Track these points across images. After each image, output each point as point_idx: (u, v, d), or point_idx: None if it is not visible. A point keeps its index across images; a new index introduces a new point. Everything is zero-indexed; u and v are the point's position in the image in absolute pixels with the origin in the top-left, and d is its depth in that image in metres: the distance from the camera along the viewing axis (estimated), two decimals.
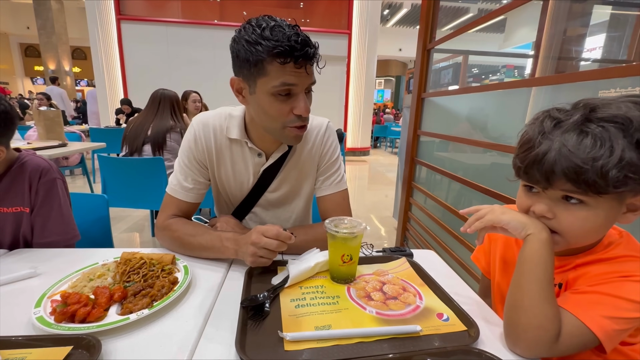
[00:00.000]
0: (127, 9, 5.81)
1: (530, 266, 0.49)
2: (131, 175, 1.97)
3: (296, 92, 0.68)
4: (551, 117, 0.49)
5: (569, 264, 0.56)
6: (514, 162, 0.53)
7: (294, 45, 0.63)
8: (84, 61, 14.00)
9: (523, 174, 0.51)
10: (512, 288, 0.51)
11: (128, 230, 2.75)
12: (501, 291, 0.68)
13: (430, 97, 1.94)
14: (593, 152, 0.43)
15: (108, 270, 0.64)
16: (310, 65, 0.67)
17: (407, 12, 11.26)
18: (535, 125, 0.50)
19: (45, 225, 0.83)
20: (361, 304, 0.58)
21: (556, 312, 0.47)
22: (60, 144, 2.60)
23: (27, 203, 0.82)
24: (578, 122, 0.46)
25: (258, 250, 0.64)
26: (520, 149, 0.52)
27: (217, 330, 0.52)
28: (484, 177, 1.44)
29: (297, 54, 0.63)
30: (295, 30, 0.65)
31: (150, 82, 4.91)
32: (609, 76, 0.90)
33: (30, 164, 0.83)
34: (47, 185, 0.83)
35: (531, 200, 0.53)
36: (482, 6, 9.97)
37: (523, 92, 1.36)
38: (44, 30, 9.57)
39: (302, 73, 0.66)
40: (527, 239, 0.51)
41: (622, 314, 0.46)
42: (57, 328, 0.48)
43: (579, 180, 0.44)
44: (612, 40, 2.79)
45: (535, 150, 0.48)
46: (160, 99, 2.14)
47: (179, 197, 0.82)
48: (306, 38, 0.65)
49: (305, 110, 0.70)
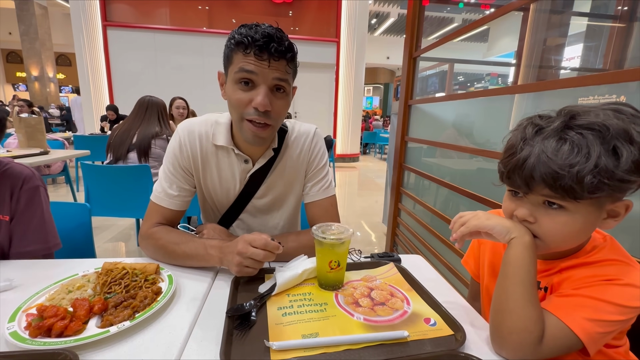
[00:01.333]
0: (113, 15, 5.75)
1: (513, 269, 0.50)
2: (116, 183, 1.92)
3: (258, 83, 0.69)
4: (533, 124, 0.50)
5: (554, 267, 0.57)
6: (499, 167, 0.55)
7: (255, 37, 0.65)
8: (68, 67, 13.71)
9: (506, 178, 0.53)
10: (496, 291, 0.52)
11: (113, 240, 2.68)
12: (489, 295, 0.69)
13: (417, 104, 1.97)
14: (570, 159, 0.44)
15: (88, 281, 0.62)
16: (275, 60, 0.67)
17: (394, 21, 11.50)
18: (518, 132, 0.52)
19: (26, 234, 0.80)
20: (349, 311, 0.57)
21: (540, 314, 0.48)
22: (41, 152, 2.52)
23: (7, 211, 0.79)
24: (558, 129, 0.47)
25: (244, 260, 0.63)
26: (504, 155, 0.53)
27: (201, 341, 0.51)
28: (471, 183, 1.46)
29: (258, 43, 0.65)
30: (270, 29, 0.67)
31: (137, 89, 4.86)
32: (587, 84, 0.94)
33: (13, 172, 0.80)
34: (29, 193, 0.81)
35: (515, 205, 0.54)
36: (467, 16, 10.28)
37: (506, 99, 1.40)
38: (27, 36, 9.37)
39: (263, 65, 0.67)
40: (510, 243, 0.52)
41: (605, 316, 0.46)
42: (31, 343, 0.46)
43: (556, 185, 0.46)
44: (589, 50, 2.91)
45: (517, 156, 0.49)
46: (147, 106, 2.11)
47: (163, 204, 0.81)
48: (275, 34, 0.66)
49: (261, 104, 0.68)
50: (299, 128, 0.89)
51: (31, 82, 9.84)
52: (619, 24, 1.84)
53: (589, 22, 2.73)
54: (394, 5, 10.21)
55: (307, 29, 6.43)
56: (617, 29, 1.83)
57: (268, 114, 0.70)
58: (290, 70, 0.72)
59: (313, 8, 6.41)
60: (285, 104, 0.74)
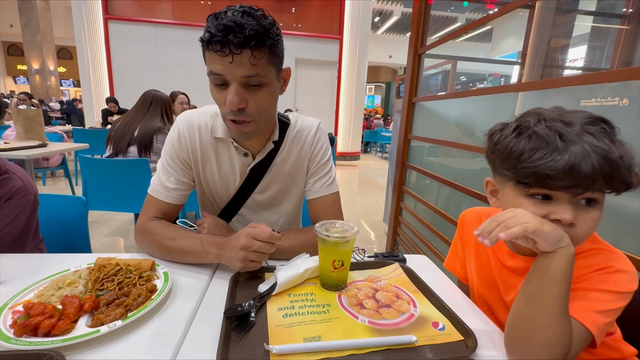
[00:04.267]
0: (115, 9, 5.70)
1: (554, 282, 0.45)
2: (114, 177, 1.89)
3: (228, 81, 0.64)
4: (550, 125, 0.47)
5: None
6: (523, 172, 0.48)
7: (213, 31, 0.59)
8: (69, 61, 13.66)
9: (551, 181, 0.46)
10: (524, 302, 0.48)
11: (111, 235, 2.65)
12: (483, 298, 0.67)
13: (420, 101, 1.94)
14: (619, 150, 0.44)
15: (80, 277, 0.59)
16: (237, 54, 0.60)
17: (397, 20, 11.44)
18: (537, 133, 0.47)
19: None
20: (353, 313, 0.55)
21: (571, 328, 0.45)
22: (40, 144, 2.49)
23: None
24: (584, 123, 0.46)
25: (249, 254, 0.60)
26: (528, 158, 0.47)
27: (197, 343, 0.48)
28: (474, 181, 1.44)
29: (216, 39, 0.59)
30: (233, 16, 0.59)
31: (138, 83, 4.82)
32: (591, 81, 0.91)
33: (8, 182, 0.79)
34: (10, 207, 0.79)
35: (545, 210, 0.48)
36: (470, 16, 10.23)
37: (510, 97, 1.37)
38: (28, 29, 9.32)
39: (226, 61, 0.60)
40: (557, 252, 0.46)
41: (609, 305, 0.47)
42: (15, 343, 0.43)
43: (614, 178, 0.44)
44: (594, 50, 2.87)
45: (565, 156, 0.44)
46: (152, 100, 2.06)
47: (160, 197, 0.78)
48: (236, 22, 0.58)
49: (231, 103, 0.63)
50: (302, 122, 0.86)
51: (32, 75, 9.79)
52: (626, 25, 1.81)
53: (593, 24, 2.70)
54: (397, 3, 10.16)
55: (310, 25, 6.38)
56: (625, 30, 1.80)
57: (244, 111, 0.66)
58: (259, 59, 0.62)
59: (316, 5, 6.36)
60: (265, 95, 0.67)
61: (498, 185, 0.58)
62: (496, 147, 0.54)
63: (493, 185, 0.60)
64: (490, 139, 0.56)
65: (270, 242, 0.61)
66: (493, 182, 0.60)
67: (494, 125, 0.57)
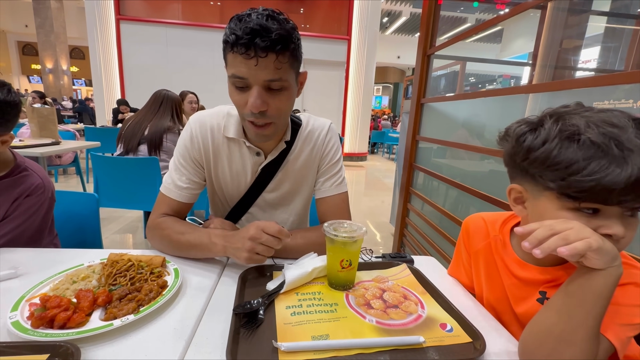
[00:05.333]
0: (126, 9, 5.79)
1: (597, 300, 0.43)
2: (124, 175, 1.92)
3: (250, 84, 0.64)
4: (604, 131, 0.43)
5: (561, 276, 0.54)
6: (576, 186, 0.44)
7: (239, 34, 0.59)
8: (82, 61, 13.94)
9: (609, 195, 0.43)
10: (556, 316, 0.46)
11: (120, 232, 2.69)
12: (490, 304, 0.65)
13: (429, 102, 1.93)
14: None
15: (93, 272, 0.61)
16: (262, 57, 0.60)
17: (406, 20, 11.39)
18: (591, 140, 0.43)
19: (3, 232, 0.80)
20: (360, 313, 0.55)
21: (599, 345, 0.44)
22: (53, 142, 2.55)
23: (1, 214, 0.79)
24: (632, 127, 0.43)
25: (256, 246, 0.61)
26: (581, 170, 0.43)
27: (207, 339, 0.49)
28: (482, 183, 1.42)
29: (242, 41, 0.59)
30: (258, 19, 0.59)
31: (148, 83, 4.89)
32: (608, 83, 0.89)
33: (27, 179, 0.82)
34: (29, 203, 0.81)
35: (594, 224, 0.45)
36: (480, 16, 10.13)
37: (520, 99, 1.36)
38: (43, 29, 9.53)
39: (251, 64, 0.61)
40: (607, 271, 0.43)
41: (634, 320, 0.46)
42: (33, 334, 0.44)
43: None
44: (607, 52, 2.82)
45: (627, 168, 0.41)
46: (163, 99, 2.10)
47: (172, 196, 0.79)
48: (262, 25, 0.59)
49: (253, 106, 0.64)
50: (313, 122, 0.87)
51: (45, 75, 10.01)
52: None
53: (607, 25, 2.65)
54: (406, 3, 10.11)
55: (318, 26, 6.39)
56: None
57: (265, 113, 0.67)
58: (283, 64, 0.63)
59: (325, 5, 6.36)
60: (285, 99, 0.68)
61: (527, 194, 0.53)
62: (532, 154, 0.48)
63: (519, 193, 0.54)
64: (519, 143, 0.51)
65: (277, 237, 0.62)
66: (519, 189, 0.54)
67: (516, 125, 0.53)
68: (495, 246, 0.64)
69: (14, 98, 0.75)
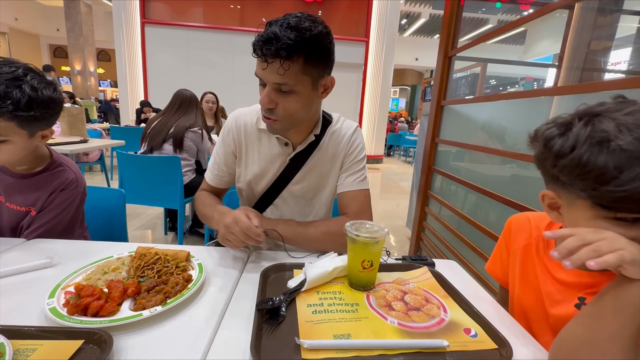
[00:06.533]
0: (151, 13, 5.99)
1: (634, 311, 0.41)
2: (147, 172, 1.99)
3: (266, 84, 0.72)
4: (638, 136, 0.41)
5: (602, 281, 0.51)
6: (609, 196, 0.42)
7: (256, 40, 0.67)
8: (107, 63, 14.50)
9: None
10: (588, 326, 0.44)
11: (141, 228, 2.78)
12: (521, 305, 0.64)
13: (450, 104, 1.90)
14: None
15: (123, 264, 0.63)
16: (269, 62, 0.67)
17: (425, 22, 11.24)
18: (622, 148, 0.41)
19: (39, 226, 0.83)
20: (382, 314, 0.54)
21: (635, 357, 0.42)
22: (81, 140, 2.67)
23: (39, 207, 0.84)
24: None
25: (227, 234, 0.69)
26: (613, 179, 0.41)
27: (230, 332, 0.50)
28: (504, 188, 1.38)
29: (257, 45, 0.67)
30: (278, 27, 0.65)
31: (170, 84, 5.02)
32: (634, 86, 0.85)
33: (62, 174, 0.86)
34: (63, 196, 0.85)
35: (634, 232, 0.43)
36: (502, 17, 9.87)
37: (544, 101, 1.32)
38: (73, 32, 9.99)
39: (264, 66, 0.68)
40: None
41: None
42: (69, 320, 0.47)
43: None
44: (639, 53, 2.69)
45: None
46: (186, 99, 2.17)
47: (206, 178, 0.95)
48: (277, 33, 0.64)
49: (261, 102, 0.73)
50: (342, 121, 0.92)
51: (74, 76, 10.48)
52: None
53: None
54: (425, 5, 9.98)
55: (336, 28, 6.39)
56: None
57: (273, 111, 0.73)
58: (286, 70, 0.66)
59: (343, 7, 6.37)
60: (294, 101, 0.72)
61: (561, 201, 0.50)
62: (561, 161, 0.46)
63: (552, 199, 0.52)
64: (547, 147, 0.48)
65: (247, 233, 0.67)
66: (552, 196, 0.52)
67: (545, 127, 0.50)
68: (536, 247, 0.63)
69: (59, 95, 0.78)
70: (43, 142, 0.81)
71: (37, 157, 0.85)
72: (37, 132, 0.77)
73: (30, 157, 0.83)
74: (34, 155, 0.84)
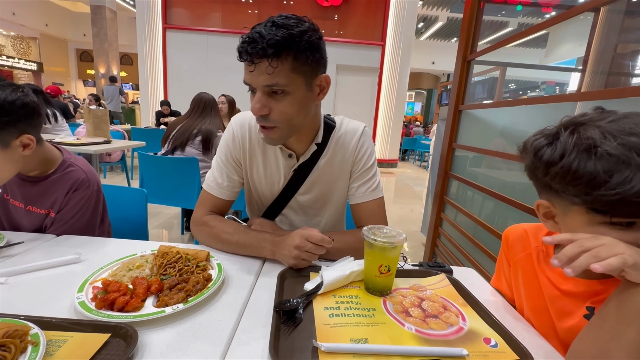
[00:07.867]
0: (172, 18, 6.19)
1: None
2: (167, 173, 2.05)
3: (255, 89, 0.67)
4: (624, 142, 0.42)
5: (609, 288, 0.50)
6: (601, 201, 0.43)
7: (242, 44, 0.63)
8: (129, 66, 15.03)
9: (637, 209, 0.42)
10: (601, 335, 0.43)
11: (159, 227, 2.85)
12: (529, 319, 0.62)
13: (468, 109, 1.87)
14: None
15: (146, 261, 0.65)
16: (257, 63, 0.62)
17: (442, 25, 11.10)
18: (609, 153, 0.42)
19: (59, 225, 0.86)
20: (399, 320, 0.54)
21: None
22: (105, 141, 2.77)
23: (57, 208, 0.85)
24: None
25: (302, 253, 0.66)
26: (604, 184, 0.42)
27: (249, 331, 0.51)
28: (522, 194, 1.35)
29: (240, 49, 0.63)
30: (261, 27, 0.62)
31: (189, 87, 5.16)
32: None
33: (73, 174, 0.86)
34: (78, 197, 0.86)
35: (630, 236, 0.43)
36: (523, 20, 9.65)
37: (567, 107, 1.28)
38: (98, 37, 10.40)
39: (250, 69, 0.64)
40: None
41: None
42: (97, 314, 0.49)
43: None
44: None
45: None
46: (208, 103, 2.22)
47: (213, 193, 0.84)
48: (260, 33, 0.61)
49: (253, 109, 0.68)
50: (346, 125, 0.86)
51: (98, 79, 10.89)
52: None
53: None
54: (443, 8, 9.87)
55: (353, 32, 6.41)
56: None
57: (267, 117, 0.69)
58: (275, 68, 0.62)
59: (360, 11, 6.38)
60: (288, 103, 0.67)
61: (556, 209, 0.51)
62: (552, 169, 0.47)
63: (547, 208, 0.53)
64: (537, 157, 0.50)
65: (320, 245, 0.65)
66: (546, 205, 0.52)
67: (533, 138, 0.51)
68: (537, 257, 0.62)
69: (18, 97, 0.69)
70: (27, 152, 0.74)
71: (46, 160, 0.84)
72: (12, 142, 0.71)
73: (38, 162, 0.82)
74: (42, 159, 0.83)
